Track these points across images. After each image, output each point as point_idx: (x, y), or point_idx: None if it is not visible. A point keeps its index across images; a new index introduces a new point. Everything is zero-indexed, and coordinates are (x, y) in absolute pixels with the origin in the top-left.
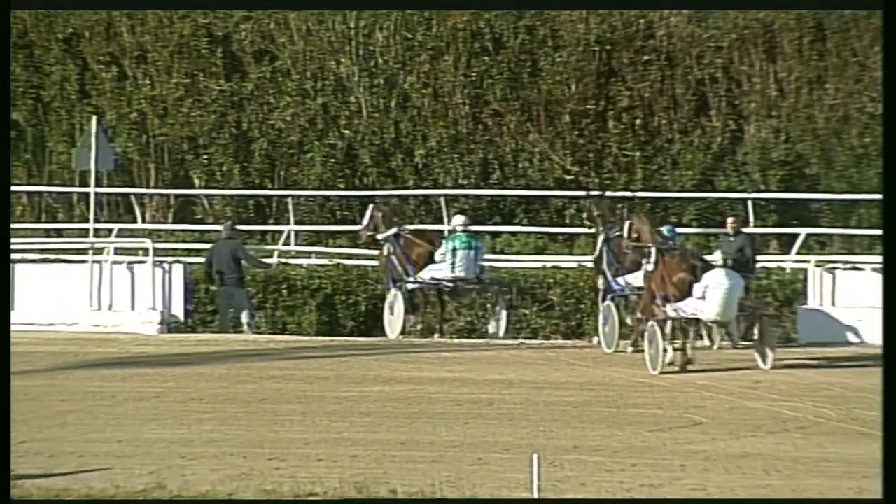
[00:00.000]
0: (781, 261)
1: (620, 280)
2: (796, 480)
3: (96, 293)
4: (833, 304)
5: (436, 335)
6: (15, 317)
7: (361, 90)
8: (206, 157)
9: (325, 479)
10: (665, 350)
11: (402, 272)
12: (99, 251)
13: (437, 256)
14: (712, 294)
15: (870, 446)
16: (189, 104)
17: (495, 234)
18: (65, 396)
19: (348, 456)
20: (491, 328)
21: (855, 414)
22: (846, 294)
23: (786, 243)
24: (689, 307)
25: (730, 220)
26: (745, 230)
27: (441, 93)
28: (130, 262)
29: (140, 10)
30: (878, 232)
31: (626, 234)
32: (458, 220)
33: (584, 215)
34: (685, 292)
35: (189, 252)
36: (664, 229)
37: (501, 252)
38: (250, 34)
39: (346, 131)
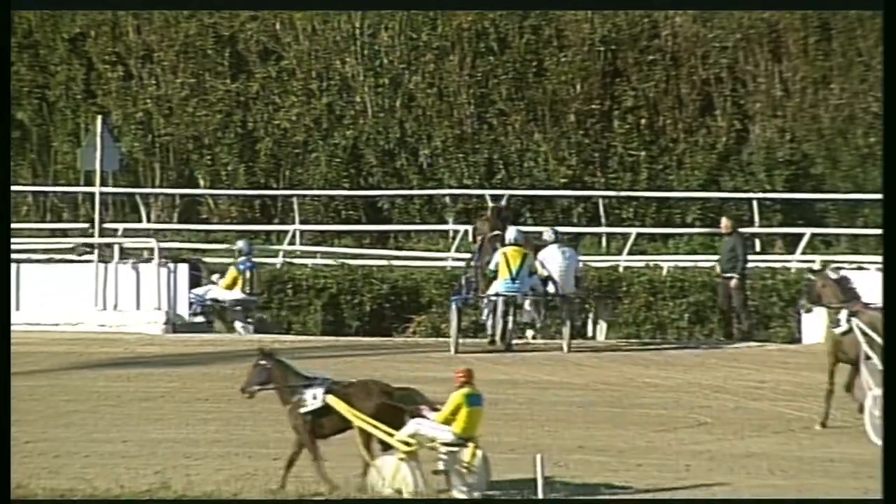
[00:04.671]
0: (786, 260)
1: None
2: (801, 480)
3: (101, 293)
4: None
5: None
6: (20, 317)
7: (366, 90)
8: (211, 156)
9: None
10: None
11: None
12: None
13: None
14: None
15: (874, 447)
16: (194, 104)
17: None
18: (70, 396)
19: (352, 455)
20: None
21: (858, 414)
22: None
23: (791, 243)
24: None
25: (723, 219)
26: (741, 230)
27: (446, 93)
28: (135, 262)
29: (146, 9)
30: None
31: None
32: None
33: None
34: None
35: (194, 252)
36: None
37: None
38: (256, 34)
39: (351, 131)
